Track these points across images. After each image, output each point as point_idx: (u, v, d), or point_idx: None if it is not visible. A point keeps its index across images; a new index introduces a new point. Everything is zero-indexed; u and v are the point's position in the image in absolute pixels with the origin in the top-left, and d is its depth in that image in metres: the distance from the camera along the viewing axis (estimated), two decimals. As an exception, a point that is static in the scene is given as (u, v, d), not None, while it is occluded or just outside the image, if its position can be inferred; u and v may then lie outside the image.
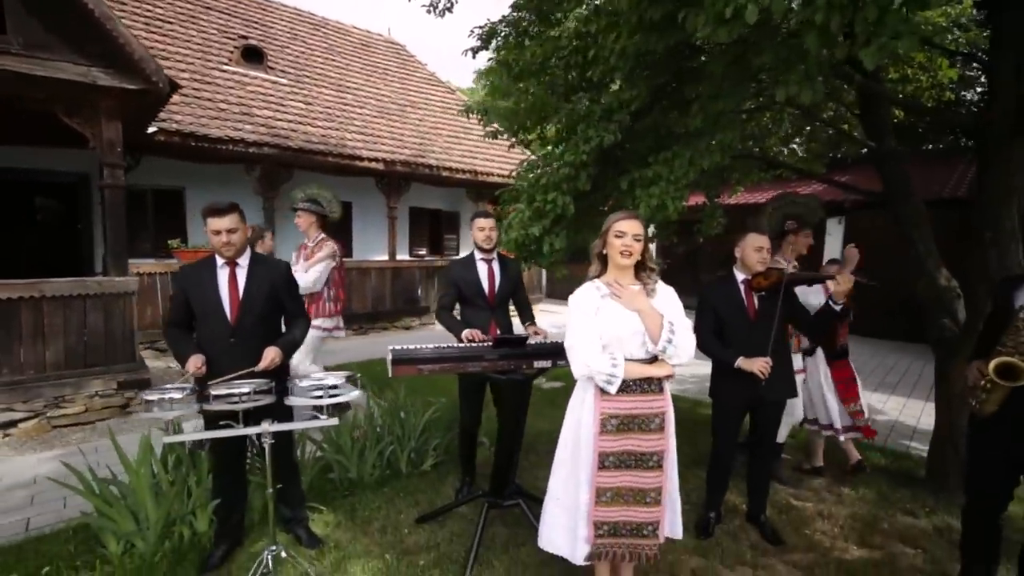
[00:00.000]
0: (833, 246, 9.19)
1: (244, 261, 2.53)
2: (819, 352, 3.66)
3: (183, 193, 7.75)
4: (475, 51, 4.72)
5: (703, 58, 3.46)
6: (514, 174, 5.77)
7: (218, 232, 2.41)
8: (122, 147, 4.42)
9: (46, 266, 6.57)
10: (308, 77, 9.59)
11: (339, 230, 7.97)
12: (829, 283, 2.71)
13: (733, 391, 2.85)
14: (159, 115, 5.96)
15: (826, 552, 2.81)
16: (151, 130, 6.10)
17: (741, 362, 2.70)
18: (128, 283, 4.52)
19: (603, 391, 2.01)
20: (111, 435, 2.85)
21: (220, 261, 2.50)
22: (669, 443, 2.10)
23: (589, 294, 2.09)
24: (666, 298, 2.13)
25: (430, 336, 8.61)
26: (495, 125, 4.54)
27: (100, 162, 4.37)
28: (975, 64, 5.79)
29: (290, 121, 8.03)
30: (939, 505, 3.29)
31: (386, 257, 9.25)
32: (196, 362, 2.31)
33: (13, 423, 4.08)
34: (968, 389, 2.37)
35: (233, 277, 2.49)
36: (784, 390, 2.92)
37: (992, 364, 2.11)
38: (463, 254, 12.67)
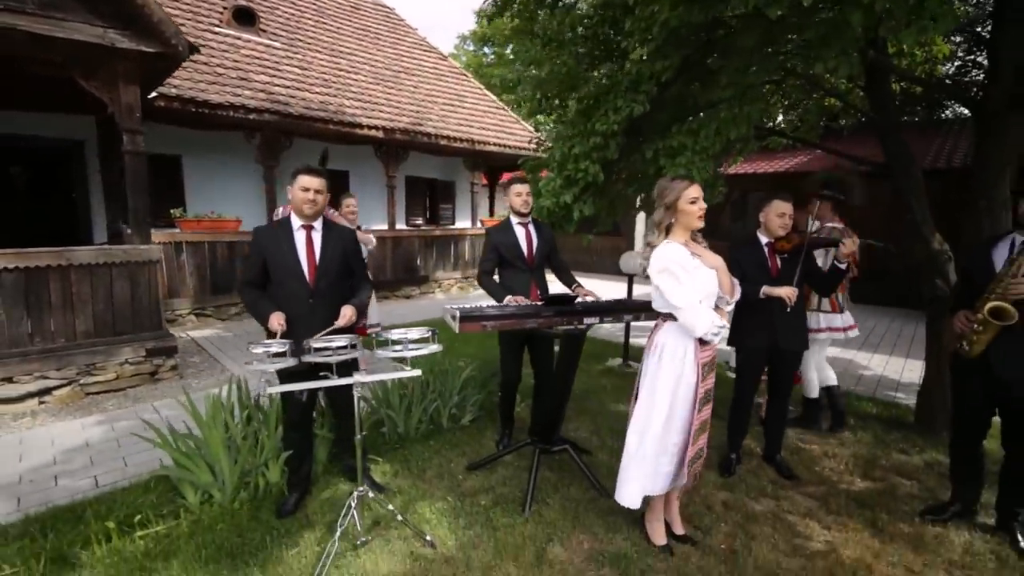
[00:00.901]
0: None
1: (319, 225, 2.65)
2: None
3: (180, 161, 7.58)
4: (490, 17, 4.74)
5: (730, 35, 3.61)
6: (534, 144, 5.87)
7: (307, 189, 2.53)
8: (140, 112, 4.36)
9: (42, 236, 6.42)
10: (301, 41, 9.33)
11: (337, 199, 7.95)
12: (845, 242, 2.97)
13: (756, 336, 3.13)
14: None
15: (835, 485, 3.17)
16: (150, 95, 5.95)
17: (767, 289, 2.96)
18: (152, 251, 4.53)
19: (702, 342, 2.24)
20: (186, 394, 2.97)
21: (297, 223, 2.61)
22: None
23: (684, 253, 2.26)
24: (712, 255, 2.36)
25: (430, 305, 8.75)
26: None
27: (119, 128, 4.30)
28: (975, 41, 6.05)
29: (288, 87, 7.86)
30: (928, 445, 3.69)
31: (385, 227, 9.26)
32: (279, 319, 2.43)
33: (48, 390, 4.13)
34: (955, 337, 2.69)
35: (310, 241, 2.61)
36: (797, 341, 3.22)
37: (987, 307, 2.44)
38: (459, 224, 12.61)
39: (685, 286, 2.20)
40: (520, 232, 3.38)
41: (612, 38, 4.11)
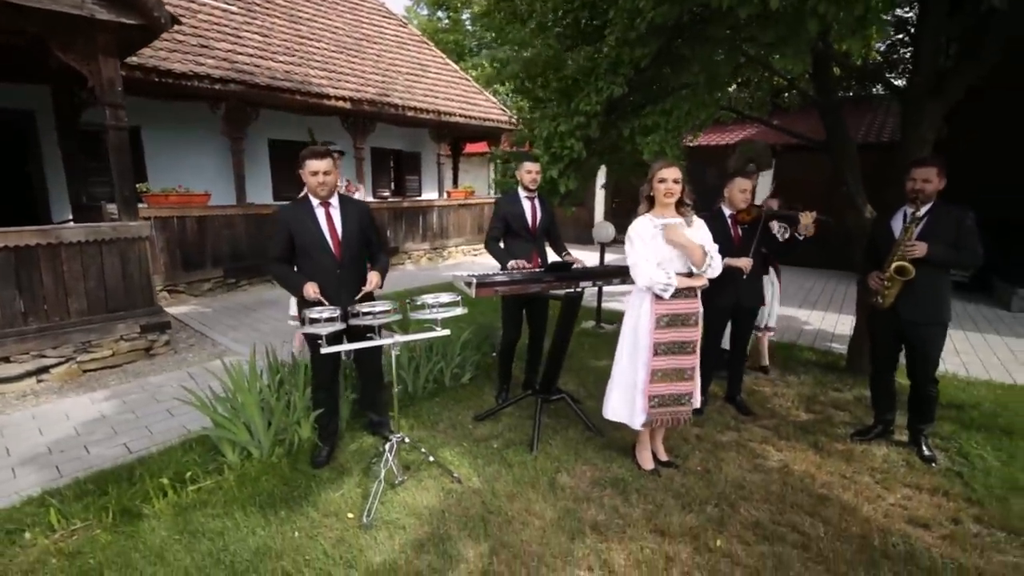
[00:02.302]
0: (765, 184, 10.35)
1: (335, 202, 2.88)
2: (771, 271, 4.55)
3: (139, 133, 7.30)
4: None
5: (697, 24, 3.98)
6: (517, 119, 6.09)
7: (316, 173, 2.73)
8: (122, 85, 4.29)
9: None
10: (258, 5, 8.97)
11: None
12: (801, 216, 3.49)
13: (719, 295, 3.64)
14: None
15: (784, 418, 3.79)
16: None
17: (727, 261, 3.46)
18: (141, 227, 4.53)
19: (658, 297, 2.68)
20: (221, 362, 3.18)
21: (315, 202, 2.83)
22: (699, 334, 2.84)
23: (646, 225, 2.70)
24: (699, 227, 2.80)
25: (401, 276, 8.94)
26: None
27: (100, 101, 4.23)
28: (904, 36, 6.70)
29: (251, 55, 7.65)
30: (856, 383, 4.38)
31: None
32: (313, 287, 2.68)
33: (46, 368, 4.16)
34: (871, 293, 3.29)
35: (330, 217, 2.84)
36: (756, 299, 3.77)
37: (893, 266, 3.04)
38: (426, 196, 12.74)
39: (638, 250, 2.67)
40: (527, 205, 3.70)
41: (590, 22, 4.40)
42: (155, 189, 6.98)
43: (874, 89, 10.15)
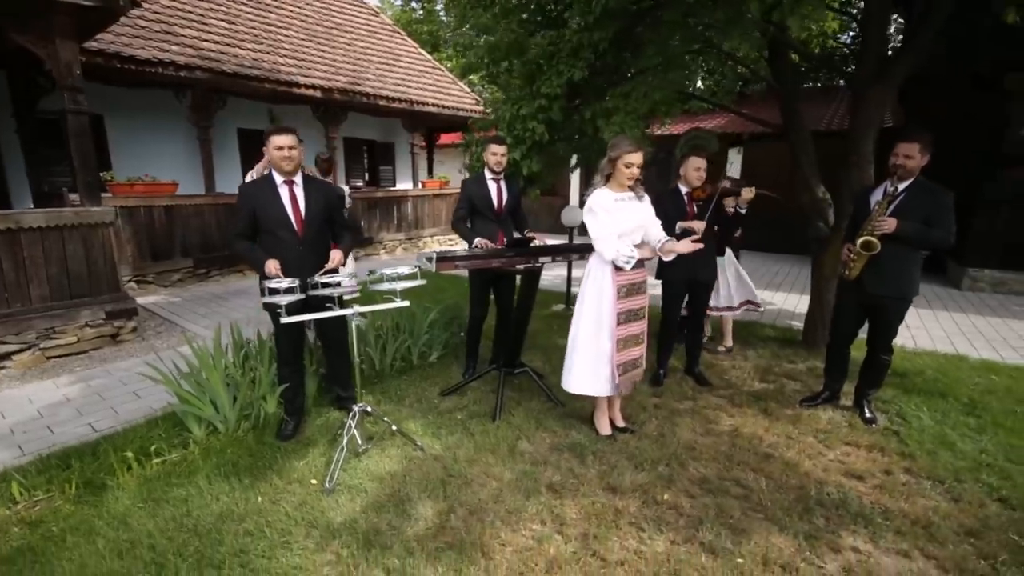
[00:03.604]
0: (734, 172, 10.60)
1: (299, 179, 2.93)
2: (728, 252, 4.73)
3: (103, 121, 7.17)
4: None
5: (654, 9, 4.10)
6: (483, 105, 6.16)
7: (281, 148, 2.78)
8: (80, 69, 4.24)
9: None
10: (224, -8, 8.84)
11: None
12: (744, 191, 3.67)
13: (676, 270, 3.79)
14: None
15: (739, 388, 3.96)
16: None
17: (681, 224, 3.58)
18: (104, 213, 4.49)
19: (617, 268, 2.79)
20: (187, 339, 3.21)
21: (279, 179, 2.88)
22: (648, 301, 2.99)
23: (607, 198, 2.80)
24: (647, 204, 2.93)
25: (376, 266, 8.92)
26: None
27: (58, 85, 4.18)
28: (853, 22, 6.94)
29: (217, 42, 7.56)
30: (811, 356, 4.59)
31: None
32: (275, 265, 2.74)
33: (8, 355, 4.11)
34: (840, 264, 3.45)
35: (294, 195, 2.89)
36: (709, 274, 3.93)
37: (859, 240, 3.16)
38: (400, 186, 12.75)
39: (602, 223, 2.76)
40: (492, 186, 3.78)
41: (552, 7, 4.49)
42: (120, 178, 6.88)
43: (840, 80, 10.46)
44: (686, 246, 3.18)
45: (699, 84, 8.67)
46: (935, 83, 7.43)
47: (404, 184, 11.55)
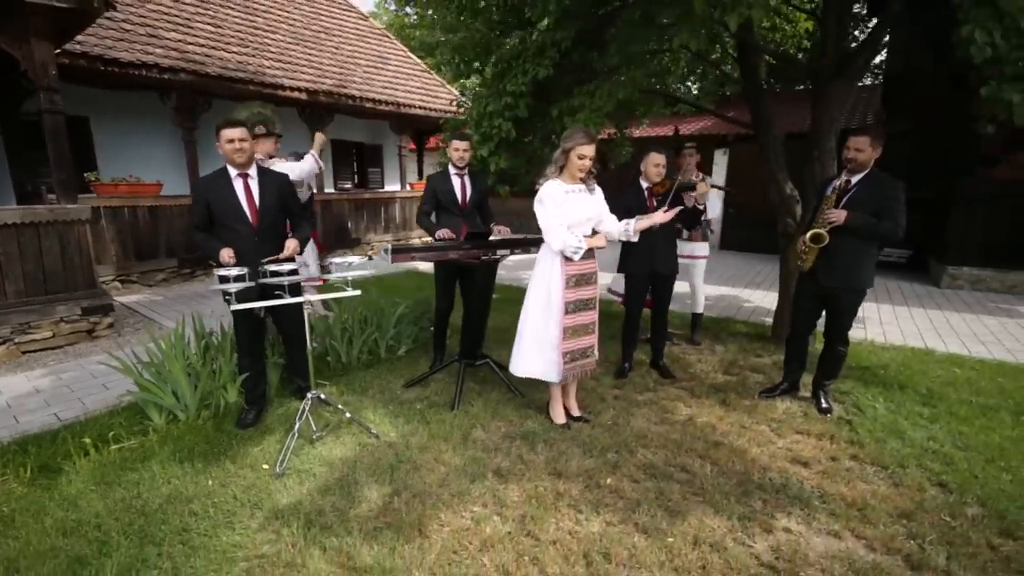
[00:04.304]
0: (720, 173, 10.67)
1: (253, 172, 2.99)
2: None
3: (88, 123, 7.26)
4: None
5: (619, 9, 4.19)
6: (456, 105, 6.26)
7: (231, 140, 2.85)
8: (56, 69, 4.33)
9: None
10: (211, -4, 8.96)
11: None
12: (699, 184, 3.75)
13: (637, 263, 3.84)
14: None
15: (701, 380, 4.01)
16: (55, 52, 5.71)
17: (643, 218, 3.64)
18: (80, 210, 4.57)
19: (566, 259, 2.86)
20: (149, 329, 3.26)
21: (233, 172, 2.95)
22: (598, 292, 3.05)
23: (557, 190, 2.86)
24: (599, 195, 3.00)
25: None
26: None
27: (36, 86, 4.26)
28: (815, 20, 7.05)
29: (202, 45, 7.66)
30: (778, 350, 4.61)
31: (314, 190, 9.31)
32: (229, 253, 2.80)
33: (-18, 348, 4.19)
34: (796, 255, 3.51)
35: (248, 187, 2.95)
36: (670, 266, 3.96)
37: (808, 233, 3.23)
38: (389, 188, 12.79)
39: (551, 214, 2.81)
40: (456, 181, 3.86)
41: (520, 7, 4.58)
42: (106, 179, 6.96)
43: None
44: (660, 216, 3.25)
45: (683, 86, 8.75)
46: (920, 84, 7.51)
47: (392, 186, 11.64)
